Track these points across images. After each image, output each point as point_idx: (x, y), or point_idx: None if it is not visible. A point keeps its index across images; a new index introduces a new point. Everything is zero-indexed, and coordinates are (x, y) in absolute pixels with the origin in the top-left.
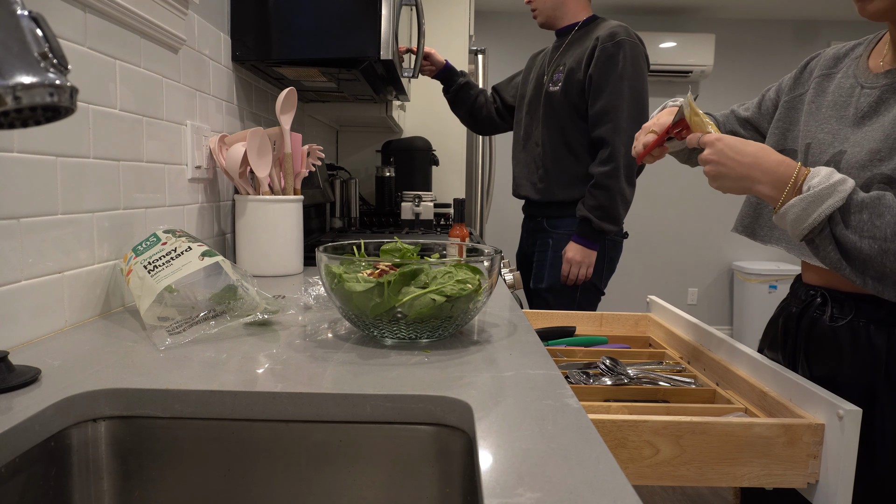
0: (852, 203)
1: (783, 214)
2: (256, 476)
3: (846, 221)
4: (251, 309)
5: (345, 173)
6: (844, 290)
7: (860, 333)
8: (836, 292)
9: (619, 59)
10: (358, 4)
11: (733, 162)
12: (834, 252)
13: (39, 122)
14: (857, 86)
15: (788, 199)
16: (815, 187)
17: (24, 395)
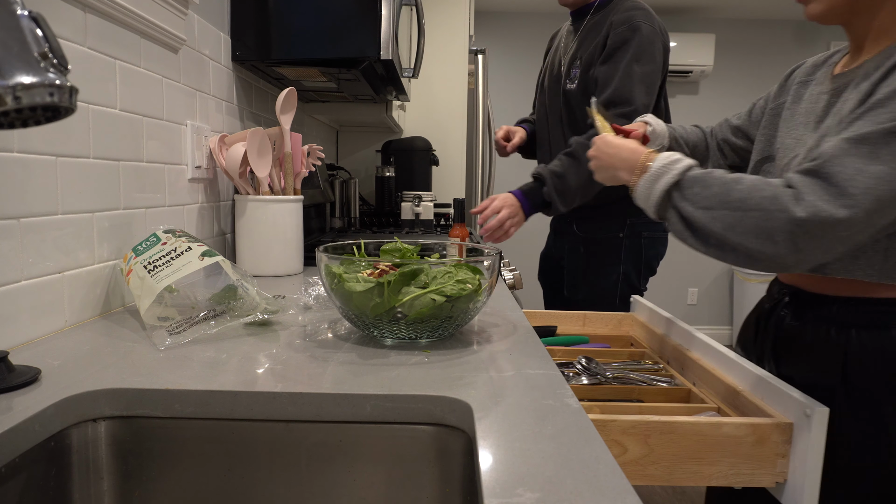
0: (686, 179)
1: (637, 195)
2: (256, 476)
3: (684, 195)
4: (251, 309)
5: (345, 173)
6: (811, 291)
7: (821, 334)
8: (803, 292)
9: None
10: (358, 4)
11: (604, 155)
12: (678, 223)
13: (39, 122)
14: (822, 92)
15: (638, 181)
16: (654, 168)
17: (24, 395)
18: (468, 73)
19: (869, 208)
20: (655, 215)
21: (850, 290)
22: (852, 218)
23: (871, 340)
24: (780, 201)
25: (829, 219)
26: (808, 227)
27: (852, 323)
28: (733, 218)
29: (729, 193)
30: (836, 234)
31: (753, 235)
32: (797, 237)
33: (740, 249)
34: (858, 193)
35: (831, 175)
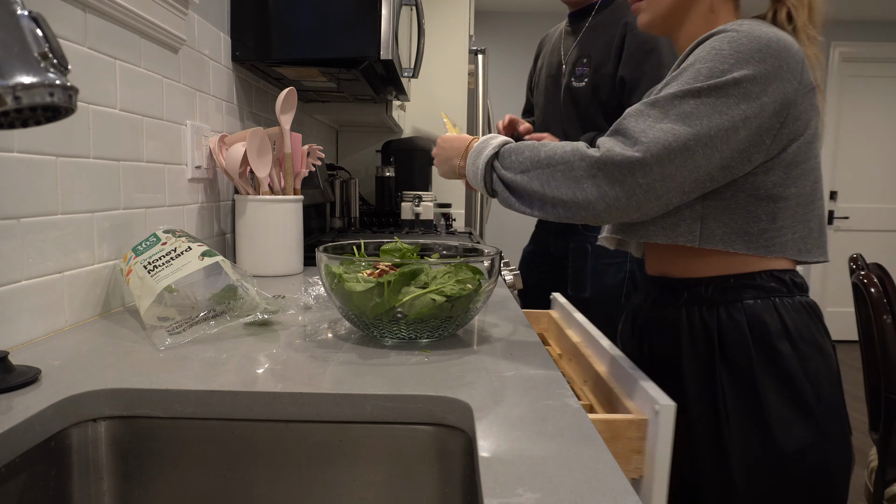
0: (503, 150)
1: (467, 175)
2: (256, 476)
3: (503, 164)
4: (251, 309)
5: (345, 173)
6: (677, 277)
7: (694, 316)
8: (671, 279)
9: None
10: (358, 4)
11: (441, 150)
12: (504, 191)
13: (39, 122)
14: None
15: (465, 162)
16: (475, 146)
17: (24, 395)
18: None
19: (657, 154)
20: (485, 189)
21: (710, 271)
22: (643, 160)
23: (736, 314)
24: (580, 151)
25: (622, 159)
26: (605, 168)
27: (719, 301)
28: (545, 175)
29: (538, 155)
30: (635, 178)
31: (564, 186)
32: (598, 179)
33: (557, 203)
34: (648, 141)
35: (626, 129)
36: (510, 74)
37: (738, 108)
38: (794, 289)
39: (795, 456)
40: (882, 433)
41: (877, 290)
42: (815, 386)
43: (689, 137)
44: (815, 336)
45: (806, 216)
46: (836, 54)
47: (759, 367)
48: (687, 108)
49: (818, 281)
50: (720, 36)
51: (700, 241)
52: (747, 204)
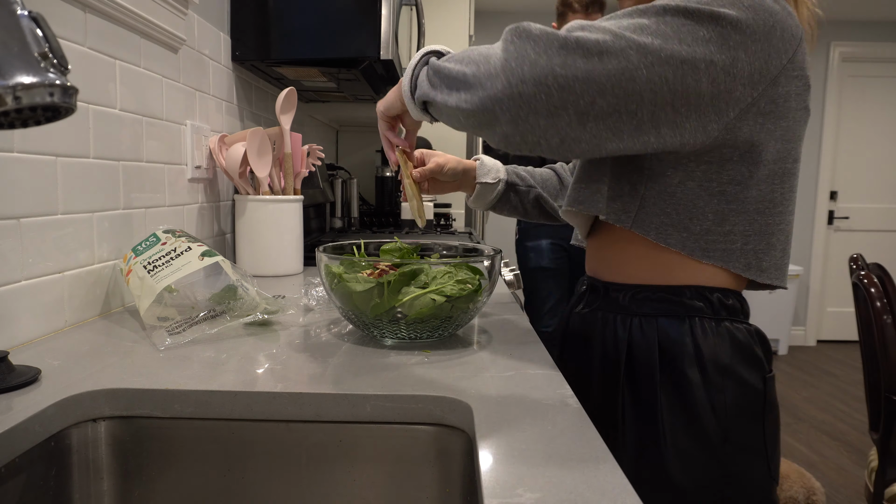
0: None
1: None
2: (256, 476)
3: (439, 59)
4: (251, 309)
5: (345, 173)
6: (602, 279)
7: (608, 322)
8: (596, 281)
9: None
10: (358, 4)
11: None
12: (424, 79)
13: (39, 122)
14: None
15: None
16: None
17: (24, 395)
18: None
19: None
20: (409, 86)
21: (636, 277)
22: (568, 43)
23: (649, 330)
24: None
25: (544, 34)
26: (520, 41)
27: (635, 311)
28: (465, 54)
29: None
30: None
31: (474, 63)
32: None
33: (460, 78)
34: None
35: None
36: None
37: (707, 47)
38: (720, 311)
39: (690, 494)
40: (882, 433)
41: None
42: (722, 422)
43: (632, 45)
44: (735, 367)
45: (767, 228)
46: (836, 54)
47: (663, 393)
48: (646, 21)
49: (818, 281)
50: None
51: (633, 223)
52: (695, 196)
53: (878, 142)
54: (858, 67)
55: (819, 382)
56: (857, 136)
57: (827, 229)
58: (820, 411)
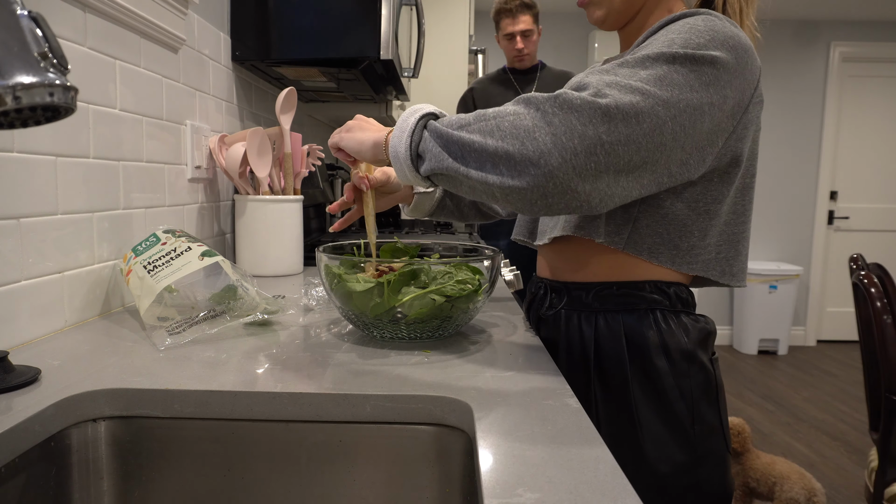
0: (442, 115)
1: (391, 142)
2: (256, 476)
3: (440, 122)
4: (251, 309)
5: (345, 173)
6: (562, 280)
7: (572, 322)
8: (555, 282)
9: None
10: (358, 4)
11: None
12: (436, 147)
13: (39, 122)
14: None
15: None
16: (407, 111)
17: (24, 395)
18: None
19: (625, 109)
20: (408, 154)
21: (594, 276)
22: (608, 110)
23: (615, 325)
24: (535, 99)
25: (582, 102)
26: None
27: (599, 308)
28: (491, 125)
29: (484, 111)
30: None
31: (512, 136)
32: (555, 127)
33: (501, 157)
34: (614, 94)
35: (587, 83)
36: None
37: (708, 90)
38: (676, 303)
39: (669, 478)
40: (882, 433)
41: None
42: (690, 404)
43: (660, 102)
44: (696, 353)
45: (734, 236)
46: (836, 54)
47: (634, 383)
48: (661, 70)
49: (818, 281)
50: (694, 17)
51: (626, 245)
52: (683, 216)
53: (878, 142)
54: (858, 67)
55: (819, 382)
56: (857, 136)
57: (827, 229)
58: (820, 411)
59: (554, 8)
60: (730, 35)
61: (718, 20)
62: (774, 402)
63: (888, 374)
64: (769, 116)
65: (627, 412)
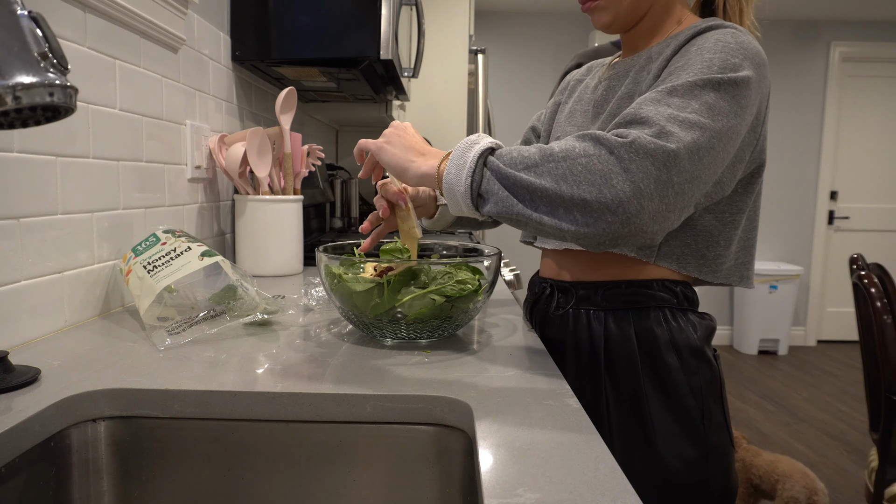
0: (499, 148)
1: (446, 176)
2: (256, 476)
3: (501, 160)
4: (251, 309)
5: (345, 173)
6: (569, 280)
7: (581, 320)
8: (561, 282)
9: None
10: (358, 4)
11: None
12: (501, 191)
13: (39, 122)
14: (598, 83)
15: (446, 162)
16: (462, 144)
17: (24, 395)
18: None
19: (689, 147)
20: (468, 193)
21: (603, 275)
22: (677, 153)
23: (624, 323)
24: (606, 140)
25: (656, 148)
26: (639, 160)
27: (608, 307)
28: (562, 168)
29: (550, 149)
30: (670, 175)
31: (588, 183)
32: (632, 174)
33: (576, 204)
34: (677, 132)
35: (646, 117)
36: (510, 74)
37: (744, 112)
38: (683, 301)
39: (681, 474)
40: (882, 433)
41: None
42: (699, 400)
43: (714, 135)
44: (702, 348)
45: (748, 241)
46: (836, 54)
47: (645, 380)
48: (709, 99)
49: (818, 281)
50: (721, 30)
51: (657, 257)
52: (711, 227)
53: (878, 142)
54: (858, 67)
55: (819, 382)
56: (857, 136)
57: (827, 229)
58: (820, 411)
59: (554, 8)
60: (755, 51)
61: (742, 34)
62: (774, 402)
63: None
64: (769, 117)
65: (638, 409)
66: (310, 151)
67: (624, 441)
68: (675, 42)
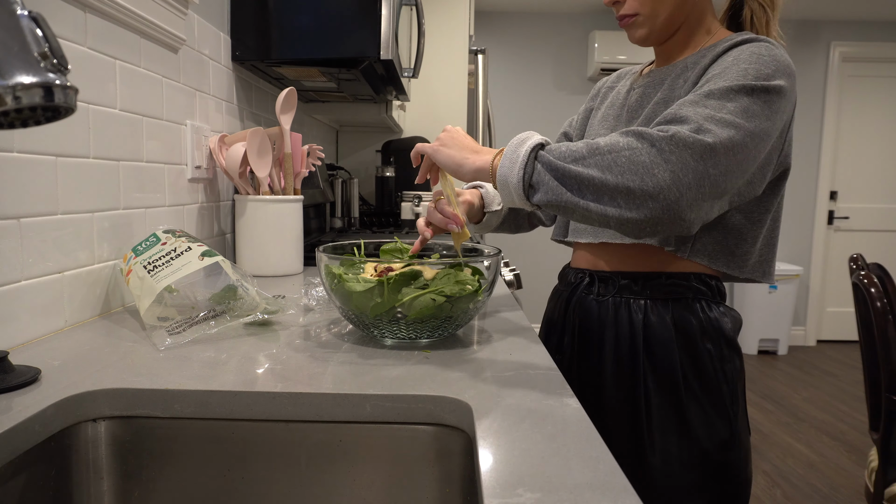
0: (549, 143)
1: (500, 169)
2: (256, 476)
3: (551, 153)
4: (251, 309)
5: (345, 173)
6: (608, 270)
7: (621, 308)
8: (601, 272)
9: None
10: (358, 4)
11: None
12: (551, 181)
13: (39, 122)
14: (630, 89)
15: (499, 158)
16: (515, 140)
17: (24, 395)
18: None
19: (725, 143)
20: (521, 184)
21: (641, 266)
22: (714, 147)
23: (664, 312)
24: (648, 135)
25: (694, 142)
26: (678, 150)
27: (649, 296)
28: (607, 160)
29: (596, 143)
30: (706, 167)
31: (631, 171)
32: (672, 164)
33: (620, 191)
34: (714, 128)
35: (685, 116)
36: (510, 74)
37: (775, 117)
38: (717, 295)
39: (715, 454)
40: (882, 433)
41: (877, 290)
42: (731, 387)
43: (748, 134)
44: (733, 338)
45: (771, 238)
46: (836, 54)
47: (682, 366)
48: (744, 102)
49: (818, 281)
50: (756, 43)
51: (690, 252)
52: (741, 225)
53: (878, 142)
54: (858, 67)
55: (819, 382)
56: (857, 136)
57: (827, 229)
58: (820, 411)
59: (554, 8)
60: (786, 63)
61: (775, 48)
62: (774, 402)
63: (888, 374)
64: None
65: (676, 393)
66: (310, 151)
67: (661, 423)
68: (712, 53)
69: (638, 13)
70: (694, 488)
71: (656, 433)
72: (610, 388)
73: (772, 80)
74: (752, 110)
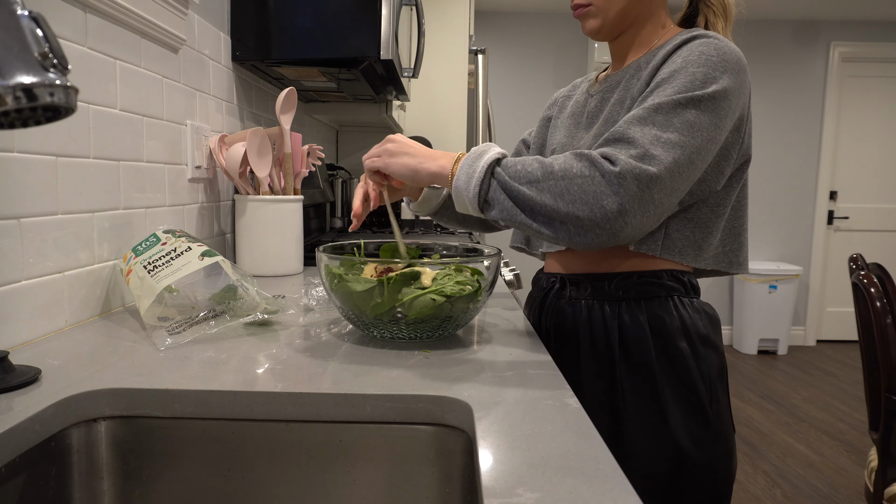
0: (505, 159)
1: (456, 180)
2: (256, 476)
3: (507, 172)
4: (251, 309)
5: (345, 173)
6: (580, 273)
7: (594, 310)
8: (572, 275)
9: None
10: (358, 4)
11: (404, 145)
12: (506, 201)
13: (39, 122)
14: (588, 97)
15: (457, 165)
16: (473, 151)
17: (24, 395)
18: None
19: (670, 168)
20: (476, 198)
21: (614, 267)
22: (660, 176)
23: (638, 311)
24: (599, 164)
25: (641, 173)
26: (626, 183)
27: (622, 297)
28: (560, 186)
29: (551, 166)
30: (652, 194)
31: (581, 201)
32: (621, 196)
33: (570, 219)
34: (659, 154)
35: (633, 138)
36: (510, 74)
37: (724, 120)
38: (690, 290)
39: (693, 454)
40: (882, 433)
41: (877, 290)
42: (708, 385)
43: (693, 150)
44: (710, 335)
45: (736, 229)
46: (836, 54)
47: (659, 366)
48: (690, 116)
49: (818, 281)
50: (705, 41)
51: (661, 250)
52: (707, 219)
53: (878, 142)
54: (858, 67)
55: (819, 382)
56: (857, 136)
57: (827, 229)
58: (820, 411)
59: (554, 8)
60: (735, 59)
61: (722, 42)
62: (774, 402)
63: (888, 374)
64: (769, 117)
65: (653, 393)
66: (310, 151)
67: (640, 424)
68: (663, 51)
69: (591, 3)
70: (674, 487)
71: (634, 436)
72: (588, 391)
73: (719, 82)
74: (699, 124)
